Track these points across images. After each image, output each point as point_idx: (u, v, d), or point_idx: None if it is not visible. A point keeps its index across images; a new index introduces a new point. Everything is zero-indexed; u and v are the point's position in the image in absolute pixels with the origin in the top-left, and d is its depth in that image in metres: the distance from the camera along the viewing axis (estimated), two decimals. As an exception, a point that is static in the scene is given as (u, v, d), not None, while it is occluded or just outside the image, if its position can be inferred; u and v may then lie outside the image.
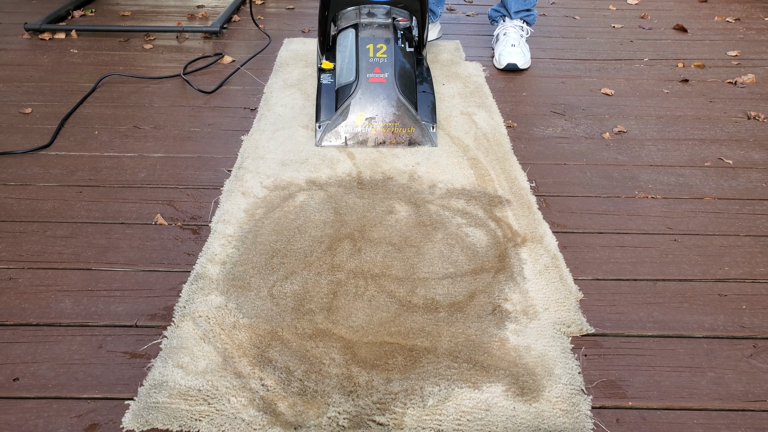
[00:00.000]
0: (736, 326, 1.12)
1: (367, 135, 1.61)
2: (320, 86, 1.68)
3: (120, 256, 1.26)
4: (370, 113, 1.61)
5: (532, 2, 2.28)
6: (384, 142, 1.61)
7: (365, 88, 1.61)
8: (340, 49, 1.73)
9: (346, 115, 1.61)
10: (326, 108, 1.64)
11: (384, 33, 1.69)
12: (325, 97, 1.65)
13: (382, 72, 1.62)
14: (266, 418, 0.91)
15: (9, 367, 1.01)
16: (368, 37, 1.67)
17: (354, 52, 1.67)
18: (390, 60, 1.63)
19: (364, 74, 1.62)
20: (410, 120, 1.61)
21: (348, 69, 1.66)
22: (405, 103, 1.61)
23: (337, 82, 1.67)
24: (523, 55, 2.20)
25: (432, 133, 1.63)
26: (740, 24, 2.78)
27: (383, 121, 1.61)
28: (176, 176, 1.54)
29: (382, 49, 1.64)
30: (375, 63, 1.63)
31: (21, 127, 1.75)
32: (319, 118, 1.63)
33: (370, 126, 1.60)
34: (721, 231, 1.38)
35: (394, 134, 1.61)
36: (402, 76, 1.64)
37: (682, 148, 1.72)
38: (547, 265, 1.24)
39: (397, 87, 1.61)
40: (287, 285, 1.17)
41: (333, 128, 1.61)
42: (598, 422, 0.94)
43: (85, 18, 2.70)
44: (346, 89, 1.63)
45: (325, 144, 1.61)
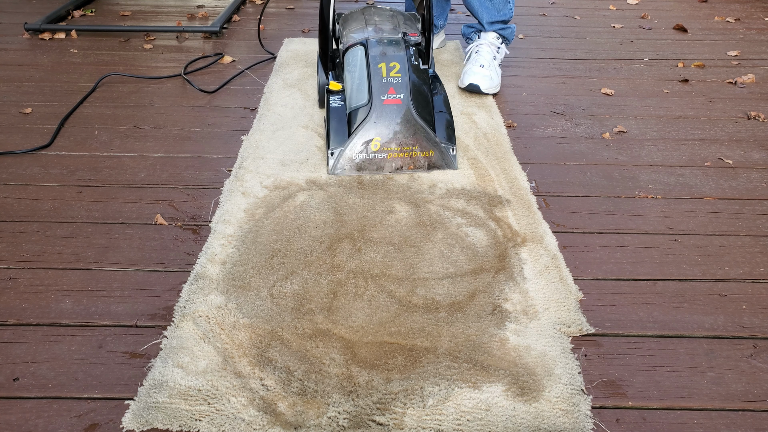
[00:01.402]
0: (736, 326, 1.12)
1: (383, 161, 1.50)
2: (330, 110, 1.55)
3: (120, 256, 1.26)
4: (386, 138, 1.49)
5: (508, 14, 2.04)
6: (401, 168, 1.50)
7: (380, 111, 1.49)
8: (348, 68, 1.60)
9: (361, 140, 1.50)
10: (338, 133, 1.52)
11: (396, 50, 1.56)
12: (335, 121, 1.53)
13: (397, 93, 1.50)
14: (266, 418, 0.91)
15: (9, 367, 1.01)
16: (379, 55, 1.54)
17: (365, 72, 1.54)
18: (405, 79, 1.51)
19: (377, 96, 1.50)
20: (429, 143, 1.51)
21: (359, 90, 1.54)
22: (423, 125, 1.50)
23: (348, 104, 1.55)
24: (490, 79, 1.96)
25: (452, 155, 1.53)
26: (740, 24, 2.78)
27: (400, 146, 1.50)
28: (176, 176, 1.54)
29: (395, 68, 1.52)
30: (389, 83, 1.51)
31: (21, 127, 1.76)
32: (331, 144, 1.51)
33: (387, 151, 1.49)
34: (721, 231, 1.38)
35: (412, 159, 1.50)
36: (418, 96, 1.53)
37: (682, 148, 1.72)
38: (547, 265, 1.24)
39: (414, 108, 1.50)
40: (287, 285, 1.17)
41: (347, 155, 1.50)
42: (598, 422, 0.94)
43: (85, 18, 2.70)
44: (359, 113, 1.51)
45: (339, 172, 1.49)
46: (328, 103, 1.56)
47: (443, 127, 1.55)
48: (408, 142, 1.50)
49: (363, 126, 1.49)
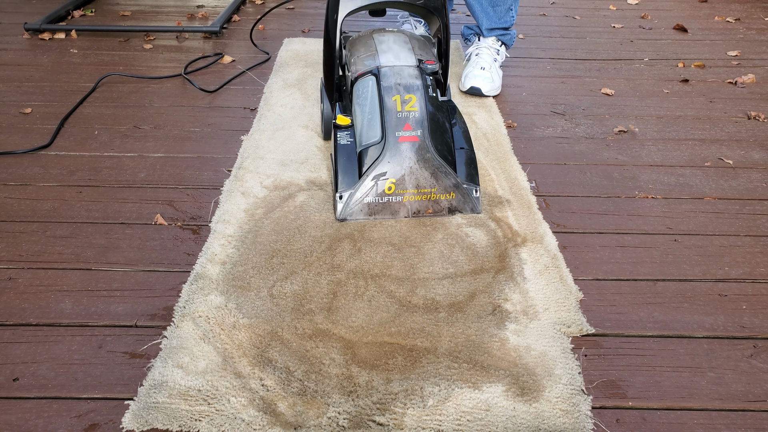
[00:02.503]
0: (737, 326, 1.12)
1: (398, 205, 1.35)
2: (338, 147, 1.38)
3: (120, 256, 1.26)
4: (402, 179, 1.34)
5: (510, 21, 2.04)
6: (419, 212, 1.36)
7: (394, 150, 1.34)
8: (358, 101, 1.43)
9: (373, 183, 1.34)
10: (347, 174, 1.35)
11: (411, 80, 1.40)
12: (344, 161, 1.36)
13: (413, 129, 1.35)
14: (266, 418, 0.91)
15: (9, 367, 1.01)
16: (393, 86, 1.38)
17: (377, 106, 1.38)
18: (422, 114, 1.36)
19: (392, 132, 1.34)
20: (449, 184, 1.36)
21: (371, 126, 1.38)
22: (442, 164, 1.35)
23: (359, 141, 1.38)
24: (492, 81, 1.97)
25: (475, 197, 1.38)
26: (740, 24, 2.78)
27: (418, 188, 1.35)
28: (176, 176, 1.54)
29: (411, 101, 1.36)
30: (404, 118, 1.35)
31: (21, 127, 1.75)
32: (339, 186, 1.35)
33: (402, 194, 1.35)
34: (722, 231, 1.38)
35: (430, 202, 1.36)
36: (436, 132, 1.37)
37: (682, 148, 1.72)
38: (547, 265, 1.24)
39: (432, 146, 1.35)
40: (287, 285, 1.17)
41: (357, 198, 1.34)
42: (598, 422, 0.94)
43: (85, 18, 2.70)
44: (371, 151, 1.35)
45: (349, 218, 1.34)
46: (336, 139, 1.39)
47: (465, 166, 1.39)
48: (426, 184, 1.35)
49: (375, 166, 1.34)
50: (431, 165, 1.35)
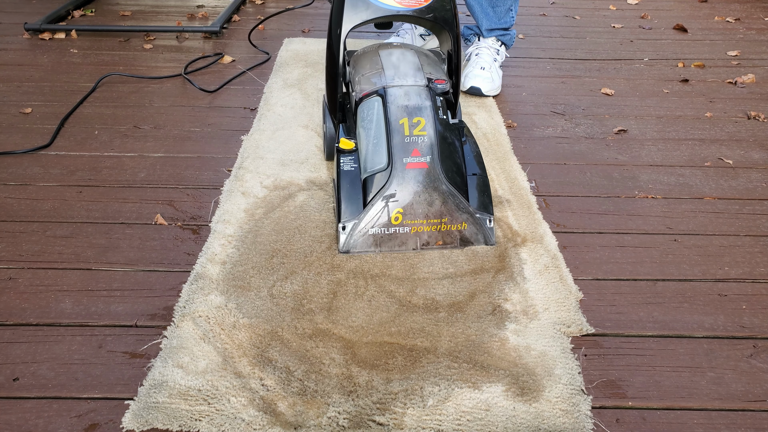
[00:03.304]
0: (736, 326, 1.12)
1: (406, 236, 1.26)
2: (340, 174, 1.29)
3: (120, 256, 1.26)
4: (410, 208, 1.25)
5: (510, 21, 2.03)
6: (428, 243, 1.27)
7: (402, 177, 1.25)
8: (363, 124, 1.34)
9: (379, 212, 1.25)
10: (351, 203, 1.26)
11: (419, 101, 1.30)
12: (347, 188, 1.27)
13: (422, 155, 1.26)
14: (266, 418, 0.91)
15: (9, 367, 1.01)
16: (400, 108, 1.29)
17: (383, 129, 1.29)
18: (431, 138, 1.27)
19: (399, 158, 1.25)
20: (461, 213, 1.27)
21: (376, 151, 1.28)
22: (454, 192, 1.26)
23: (363, 167, 1.29)
24: (492, 81, 1.96)
25: (489, 228, 1.28)
26: (740, 24, 2.78)
27: (427, 218, 1.25)
28: (176, 176, 1.54)
29: (420, 125, 1.27)
30: (413, 143, 1.26)
31: (21, 127, 1.76)
32: (342, 216, 1.26)
33: (410, 224, 1.26)
34: (721, 231, 1.38)
35: (441, 233, 1.27)
36: (447, 157, 1.28)
37: (682, 148, 1.72)
38: (547, 265, 1.24)
39: (443, 173, 1.26)
40: (287, 285, 1.17)
41: (362, 229, 1.25)
42: (598, 422, 0.94)
43: (85, 18, 2.70)
44: (377, 179, 1.26)
45: (353, 250, 1.25)
46: (339, 165, 1.30)
47: (478, 194, 1.30)
48: (436, 214, 1.26)
49: (382, 195, 1.25)
50: (441, 193, 1.26)
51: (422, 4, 1.37)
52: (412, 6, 1.37)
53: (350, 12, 1.36)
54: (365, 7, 1.36)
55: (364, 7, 1.36)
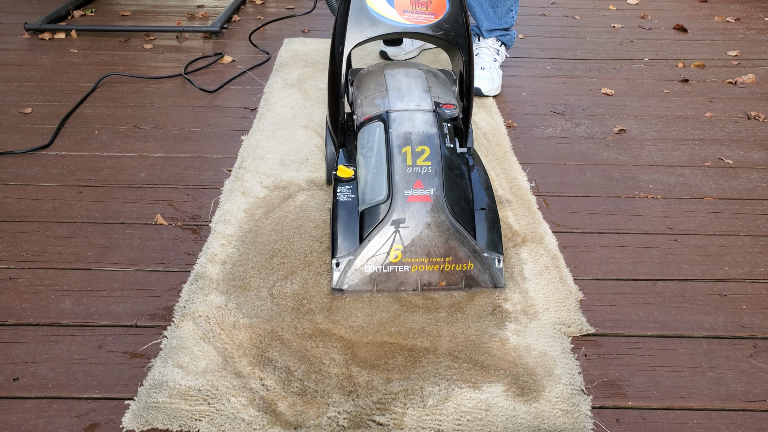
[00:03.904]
0: (736, 326, 1.12)
1: (406, 275, 1.16)
2: (337, 205, 1.19)
3: (120, 256, 1.26)
4: (411, 246, 1.14)
5: (509, 22, 2.03)
6: (430, 284, 1.16)
7: (402, 211, 1.14)
8: (363, 151, 1.24)
9: (377, 249, 1.15)
10: (347, 238, 1.16)
11: (425, 128, 1.20)
12: (344, 221, 1.17)
13: (425, 187, 1.15)
14: (266, 418, 0.91)
15: (9, 367, 1.01)
16: (403, 135, 1.19)
17: (383, 158, 1.19)
18: (436, 169, 1.16)
19: (400, 191, 1.15)
20: (467, 252, 1.16)
21: (376, 182, 1.18)
22: (459, 229, 1.15)
23: (361, 199, 1.19)
24: (492, 81, 1.96)
25: (497, 269, 1.17)
26: (740, 24, 2.78)
27: (429, 257, 1.15)
28: (176, 176, 1.54)
29: (424, 154, 1.17)
30: (415, 174, 1.16)
31: (21, 127, 1.76)
32: (337, 251, 1.15)
33: (411, 263, 1.15)
34: (721, 231, 1.38)
35: (444, 273, 1.16)
36: (454, 190, 1.17)
37: (682, 148, 1.72)
38: (547, 265, 1.24)
39: (448, 207, 1.15)
40: (287, 285, 1.17)
41: (357, 267, 1.15)
42: (598, 422, 0.94)
43: (85, 18, 2.70)
44: (375, 212, 1.16)
45: (347, 288, 1.15)
46: (335, 195, 1.21)
47: (487, 230, 1.19)
48: (439, 252, 1.15)
49: (380, 230, 1.14)
50: (446, 230, 1.15)
51: (432, 21, 1.26)
52: (420, 23, 1.26)
53: (354, 28, 1.26)
54: (370, 24, 1.25)
55: (368, 24, 1.25)
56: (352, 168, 1.24)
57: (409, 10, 1.25)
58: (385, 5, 1.25)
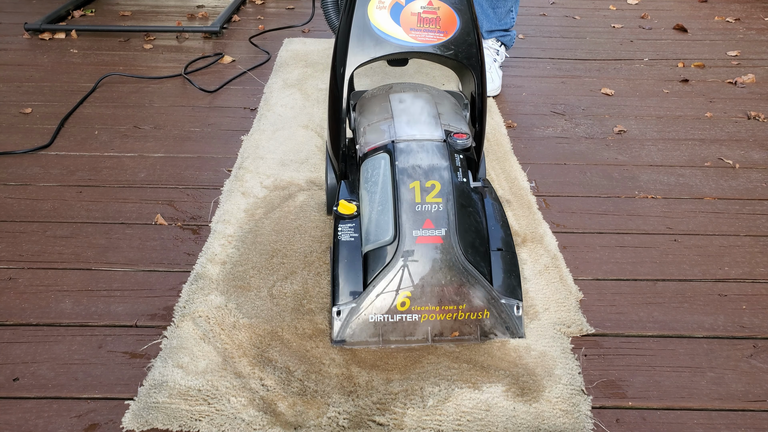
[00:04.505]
0: (736, 326, 1.12)
1: (414, 325, 1.04)
2: (338, 245, 1.08)
3: (120, 256, 1.26)
4: (420, 292, 1.03)
5: (509, 23, 2.02)
6: (441, 335, 1.05)
7: (411, 254, 1.03)
8: (367, 185, 1.13)
9: (382, 296, 1.04)
10: (349, 283, 1.05)
11: (435, 160, 1.09)
12: (345, 264, 1.06)
13: (436, 227, 1.04)
14: (266, 418, 0.91)
15: (9, 367, 1.01)
16: (411, 168, 1.08)
17: (389, 193, 1.08)
18: (447, 206, 1.05)
19: (408, 231, 1.04)
20: (483, 299, 1.04)
21: (381, 220, 1.07)
22: (474, 273, 1.04)
23: (365, 238, 1.08)
24: (492, 81, 1.97)
25: (516, 317, 1.06)
26: (740, 24, 2.78)
27: (440, 304, 1.03)
28: (176, 176, 1.54)
29: (434, 190, 1.06)
30: (425, 213, 1.04)
31: (21, 127, 1.75)
32: (338, 298, 1.04)
33: (420, 312, 1.03)
34: (721, 231, 1.38)
35: (456, 322, 1.04)
36: (467, 230, 1.06)
37: (682, 148, 1.72)
38: (547, 265, 1.24)
39: (461, 249, 1.04)
40: (287, 285, 1.17)
41: (361, 316, 1.03)
42: (598, 422, 0.94)
43: (85, 18, 2.70)
44: (380, 254, 1.04)
45: (349, 340, 1.04)
46: (336, 234, 1.09)
47: (504, 274, 1.07)
48: (452, 299, 1.04)
49: (386, 274, 1.03)
50: (459, 274, 1.03)
51: (441, 39, 1.17)
52: (429, 41, 1.16)
53: (356, 48, 1.16)
54: (374, 43, 1.16)
55: (372, 43, 1.16)
56: (355, 203, 1.12)
57: (416, 28, 1.16)
58: (391, 23, 1.16)
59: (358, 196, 1.14)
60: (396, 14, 1.15)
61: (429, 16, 1.16)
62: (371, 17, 1.15)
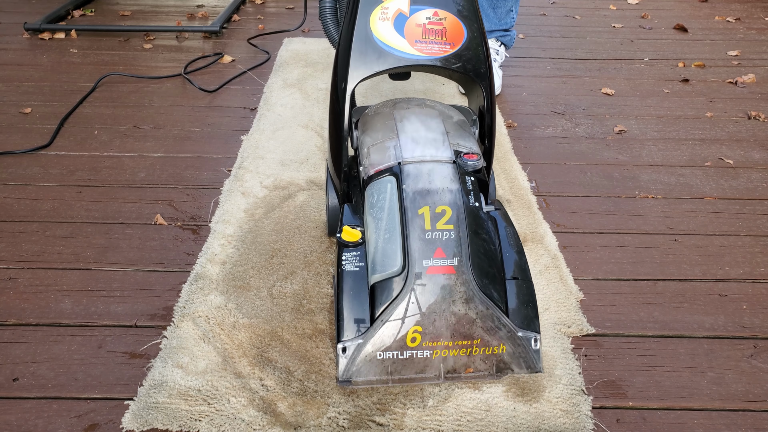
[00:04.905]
0: (737, 326, 1.12)
1: (426, 361, 0.96)
2: (342, 275, 1.00)
3: (120, 256, 1.26)
4: (431, 326, 0.95)
5: (510, 22, 2.02)
6: (455, 371, 0.97)
7: (421, 286, 0.95)
8: (372, 211, 1.04)
9: (390, 331, 0.95)
10: (354, 316, 0.97)
11: (445, 182, 1.02)
12: (350, 296, 0.98)
13: (447, 256, 0.96)
14: (266, 418, 0.91)
15: (9, 367, 1.01)
16: (420, 193, 1.00)
17: (397, 220, 1.00)
18: (460, 233, 0.98)
19: (418, 261, 0.96)
20: (498, 332, 0.97)
21: (389, 249, 0.99)
22: (489, 305, 0.96)
23: (371, 268, 0.99)
24: None
25: (534, 351, 0.98)
26: (740, 24, 2.78)
27: (453, 339, 0.96)
28: (176, 176, 1.54)
29: (445, 216, 0.99)
30: (436, 241, 0.97)
31: (21, 126, 1.75)
32: (343, 333, 0.96)
33: (431, 348, 0.96)
34: (722, 231, 1.38)
35: (471, 358, 0.97)
36: (481, 258, 0.98)
37: (682, 148, 1.72)
38: (548, 265, 1.24)
39: (475, 279, 0.96)
40: (287, 285, 1.17)
41: (368, 354, 0.95)
42: (599, 422, 0.94)
43: (84, 18, 2.70)
44: (388, 286, 0.96)
45: (356, 379, 0.95)
46: (340, 263, 1.01)
47: (520, 305, 0.99)
48: (466, 334, 0.96)
49: (394, 308, 0.95)
50: (473, 307, 0.96)
51: (448, 51, 1.11)
52: (435, 54, 1.11)
53: (358, 62, 1.10)
54: (376, 56, 1.10)
55: (375, 56, 1.10)
56: (359, 229, 1.04)
57: (421, 39, 1.10)
58: (394, 34, 1.09)
59: (363, 221, 1.06)
60: (400, 25, 1.09)
61: (435, 27, 1.10)
62: (374, 29, 1.09)
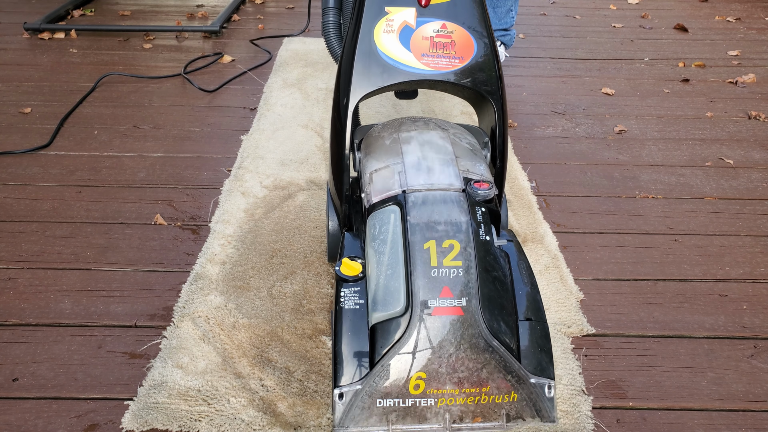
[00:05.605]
0: (737, 326, 1.12)
1: (430, 410, 0.88)
2: (340, 314, 0.91)
3: (119, 256, 1.26)
4: (437, 372, 0.87)
5: (510, 22, 2.04)
6: (461, 420, 0.89)
7: (426, 329, 0.87)
8: (374, 244, 0.96)
9: (392, 376, 0.87)
10: (352, 359, 0.88)
11: (453, 214, 0.93)
12: (349, 337, 0.90)
13: (455, 296, 0.88)
14: (266, 418, 0.91)
15: (8, 367, 1.01)
16: (426, 226, 0.92)
17: (401, 254, 0.91)
18: (469, 270, 0.89)
19: (422, 300, 0.87)
20: (510, 379, 0.88)
21: (391, 286, 0.91)
22: (500, 350, 0.87)
23: (372, 306, 0.91)
24: None
25: (548, 398, 0.88)
26: (741, 24, 2.78)
27: (460, 386, 0.88)
28: (176, 176, 1.54)
29: (453, 251, 0.91)
30: (442, 278, 0.89)
31: (20, 126, 1.75)
32: (341, 377, 0.87)
33: (436, 395, 0.88)
34: (722, 231, 1.37)
35: (479, 406, 0.89)
36: (492, 298, 0.90)
37: (682, 148, 1.72)
38: (548, 265, 1.23)
39: (485, 322, 0.87)
40: (287, 285, 1.17)
41: (367, 401, 0.87)
42: (599, 422, 0.94)
43: (84, 18, 2.70)
44: (390, 328, 0.88)
45: (353, 427, 0.87)
46: (338, 300, 0.93)
47: (534, 349, 0.90)
48: (474, 380, 0.88)
49: (396, 352, 0.87)
50: (482, 352, 0.88)
51: (457, 66, 1.04)
52: (443, 68, 1.03)
53: (361, 76, 1.03)
54: (381, 71, 1.03)
55: (379, 71, 1.03)
56: (360, 262, 0.96)
57: (429, 53, 1.03)
58: (400, 48, 1.03)
59: (364, 252, 0.98)
60: (406, 38, 1.03)
61: (443, 40, 1.03)
62: (378, 42, 1.03)
